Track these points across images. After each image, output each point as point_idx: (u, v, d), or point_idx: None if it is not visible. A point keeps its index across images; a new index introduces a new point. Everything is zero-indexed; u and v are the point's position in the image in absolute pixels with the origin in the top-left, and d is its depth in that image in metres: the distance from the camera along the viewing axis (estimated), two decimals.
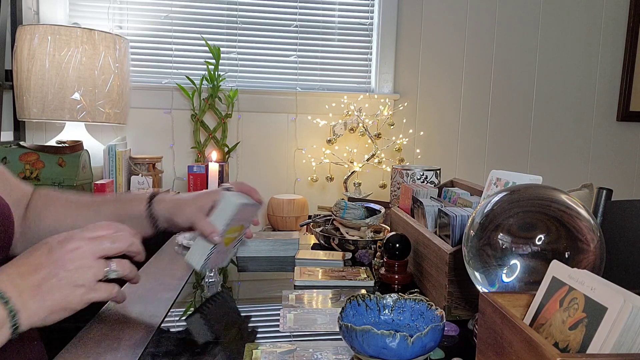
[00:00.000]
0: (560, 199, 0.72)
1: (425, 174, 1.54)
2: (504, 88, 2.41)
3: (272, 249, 1.30)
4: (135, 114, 2.16)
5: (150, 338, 0.78)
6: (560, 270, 0.56)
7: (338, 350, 0.75)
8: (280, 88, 2.28)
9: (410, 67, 2.33)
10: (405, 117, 2.33)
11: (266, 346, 0.76)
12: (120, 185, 1.92)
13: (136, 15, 2.17)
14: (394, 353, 0.64)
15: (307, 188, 2.31)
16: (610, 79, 2.47)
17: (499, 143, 2.44)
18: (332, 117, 2.26)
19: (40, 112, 1.75)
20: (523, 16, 2.38)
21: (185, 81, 2.15)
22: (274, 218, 2.03)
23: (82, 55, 1.76)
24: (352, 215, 1.35)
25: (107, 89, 1.82)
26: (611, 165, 2.52)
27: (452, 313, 0.89)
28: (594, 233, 0.69)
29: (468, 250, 0.75)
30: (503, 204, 0.74)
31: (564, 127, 2.47)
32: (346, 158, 2.22)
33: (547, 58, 2.41)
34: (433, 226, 1.09)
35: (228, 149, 2.19)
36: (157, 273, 1.11)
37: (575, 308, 0.51)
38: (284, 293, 1.01)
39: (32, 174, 1.69)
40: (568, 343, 0.50)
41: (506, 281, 0.70)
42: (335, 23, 2.28)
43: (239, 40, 2.24)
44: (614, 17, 2.43)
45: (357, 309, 0.77)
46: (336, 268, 1.17)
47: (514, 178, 0.92)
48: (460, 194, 1.14)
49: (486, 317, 0.59)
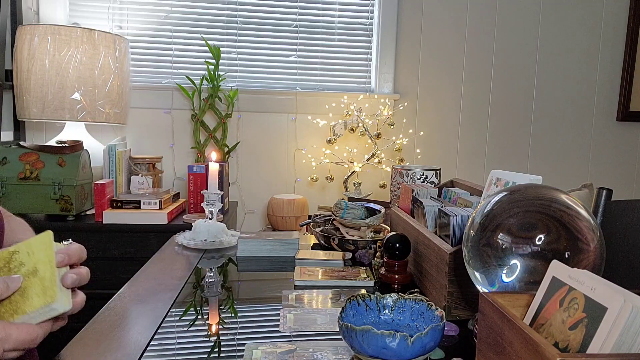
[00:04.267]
0: (560, 199, 0.72)
1: (425, 174, 1.54)
2: (504, 88, 2.41)
3: (272, 249, 1.30)
4: (135, 114, 2.16)
5: (150, 338, 0.78)
6: (560, 270, 0.56)
7: (338, 350, 0.75)
8: (280, 88, 2.28)
9: (410, 67, 2.33)
10: (405, 117, 2.33)
11: (266, 346, 0.76)
12: (120, 185, 1.92)
13: (136, 15, 2.17)
14: (394, 353, 0.64)
15: (307, 188, 2.31)
16: (610, 79, 2.47)
17: (499, 143, 2.44)
18: (332, 117, 2.26)
19: (40, 112, 1.75)
20: (523, 16, 2.38)
21: (185, 81, 2.15)
22: (274, 218, 2.03)
23: (82, 55, 1.76)
24: (352, 215, 1.35)
25: (107, 89, 1.82)
26: (611, 165, 2.52)
27: (452, 313, 0.89)
28: (594, 233, 0.69)
29: (468, 250, 0.75)
30: (503, 204, 0.74)
31: (564, 127, 2.47)
32: (346, 158, 2.22)
33: (547, 58, 2.41)
34: (433, 226, 1.09)
35: (228, 149, 2.19)
36: (157, 273, 1.11)
37: (575, 308, 0.51)
38: (284, 293, 1.01)
39: (32, 174, 1.69)
40: (568, 343, 0.50)
41: (506, 281, 0.70)
42: (335, 23, 2.28)
43: (239, 40, 2.24)
44: (614, 17, 2.43)
45: (357, 309, 0.77)
46: (336, 268, 1.17)
47: (514, 178, 0.92)
48: (460, 194, 1.14)
49: (486, 317, 0.59)
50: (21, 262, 0.61)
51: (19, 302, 0.60)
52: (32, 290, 0.60)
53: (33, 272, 0.60)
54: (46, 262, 0.61)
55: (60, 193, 1.69)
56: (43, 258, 0.61)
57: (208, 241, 1.35)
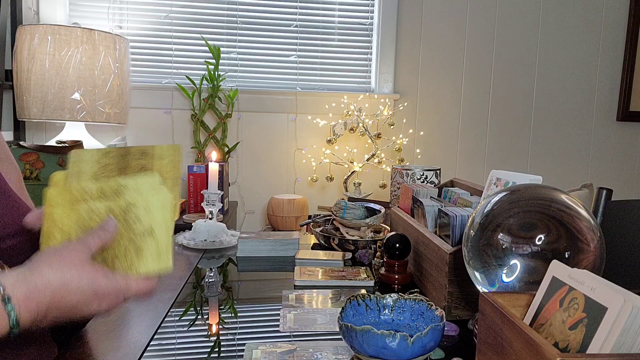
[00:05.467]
0: (560, 199, 0.72)
1: (425, 174, 1.54)
2: (504, 88, 2.41)
3: (272, 249, 1.30)
4: (135, 114, 2.16)
5: (150, 338, 0.78)
6: (560, 270, 0.56)
7: (338, 350, 0.75)
8: (280, 88, 2.28)
9: (410, 67, 2.33)
10: (405, 117, 2.33)
11: (266, 346, 0.76)
12: None
13: (136, 15, 2.17)
14: (394, 353, 0.64)
15: (307, 188, 2.31)
16: (610, 79, 2.47)
17: (499, 143, 2.44)
18: (332, 117, 2.26)
19: (40, 112, 1.75)
20: (523, 16, 2.38)
21: (185, 81, 2.15)
22: (274, 218, 2.03)
23: (82, 55, 1.76)
24: (352, 215, 1.35)
25: (107, 89, 1.82)
26: (611, 165, 2.52)
27: (452, 313, 0.89)
28: (594, 233, 0.69)
29: (468, 250, 0.75)
30: (503, 204, 0.74)
31: (564, 127, 2.47)
32: (346, 158, 2.22)
33: (547, 58, 2.41)
34: (433, 226, 1.09)
35: (228, 149, 2.19)
36: None
37: (575, 308, 0.51)
38: (284, 293, 1.01)
39: (32, 174, 1.69)
40: (568, 343, 0.50)
41: (506, 281, 0.70)
42: (335, 23, 2.28)
43: (239, 40, 2.24)
44: (614, 17, 2.43)
45: (357, 309, 0.77)
46: (336, 268, 1.17)
47: (514, 178, 0.92)
48: (460, 194, 1.14)
49: (486, 317, 0.59)
50: (138, 217, 0.62)
51: (134, 260, 0.61)
52: (148, 251, 0.61)
53: (149, 232, 0.61)
54: (163, 224, 0.61)
55: None
56: (160, 219, 0.61)
57: (208, 241, 1.35)
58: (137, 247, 0.61)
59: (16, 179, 0.83)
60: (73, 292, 0.57)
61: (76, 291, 0.57)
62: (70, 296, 0.56)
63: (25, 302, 0.53)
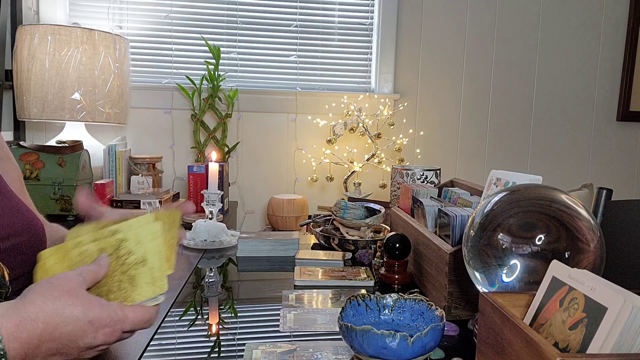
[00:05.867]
0: (560, 199, 0.72)
1: (425, 174, 1.54)
2: (504, 88, 2.41)
3: (272, 249, 1.30)
4: (135, 114, 2.16)
5: (150, 338, 0.78)
6: (560, 270, 0.56)
7: (338, 350, 0.75)
8: (280, 88, 2.28)
9: (410, 67, 2.33)
10: (405, 117, 2.33)
11: (266, 346, 0.76)
12: (120, 185, 1.92)
13: (136, 15, 2.17)
14: (394, 353, 0.64)
15: (307, 188, 2.31)
16: (610, 79, 2.47)
17: (499, 143, 2.44)
18: (332, 117, 2.26)
19: (40, 112, 1.75)
20: (523, 16, 2.37)
21: (185, 81, 2.15)
22: (274, 218, 2.03)
23: (82, 55, 1.76)
24: (352, 215, 1.35)
25: (107, 89, 1.82)
26: (611, 165, 2.52)
27: (452, 313, 0.89)
28: (594, 233, 0.69)
29: (468, 250, 0.75)
30: (503, 204, 0.74)
31: (564, 127, 2.47)
32: (346, 158, 2.22)
33: (547, 58, 2.41)
34: (433, 226, 1.09)
35: (228, 149, 2.19)
36: None
37: (575, 308, 0.51)
38: (284, 293, 1.01)
39: (32, 174, 1.69)
40: (568, 343, 0.50)
41: (506, 281, 0.70)
42: (335, 23, 2.28)
43: (239, 40, 2.24)
44: (614, 17, 2.43)
45: (357, 309, 0.77)
46: (336, 268, 1.17)
47: (514, 178, 0.92)
48: (460, 194, 1.14)
49: (486, 317, 0.59)
50: (130, 250, 0.62)
51: (128, 290, 0.61)
52: (142, 279, 0.61)
53: (142, 262, 0.62)
54: (155, 252, 0.62)
55: (60, 193, 1.69)
56: (152, 248, 0.62)
57: (208, 241, 1.35)
58: (131, 277, 0.61)
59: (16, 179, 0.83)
60: (67, 320, 0.55)
61: (70, 319, 0.55)
62: (64, 325, 0.55)
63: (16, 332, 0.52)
